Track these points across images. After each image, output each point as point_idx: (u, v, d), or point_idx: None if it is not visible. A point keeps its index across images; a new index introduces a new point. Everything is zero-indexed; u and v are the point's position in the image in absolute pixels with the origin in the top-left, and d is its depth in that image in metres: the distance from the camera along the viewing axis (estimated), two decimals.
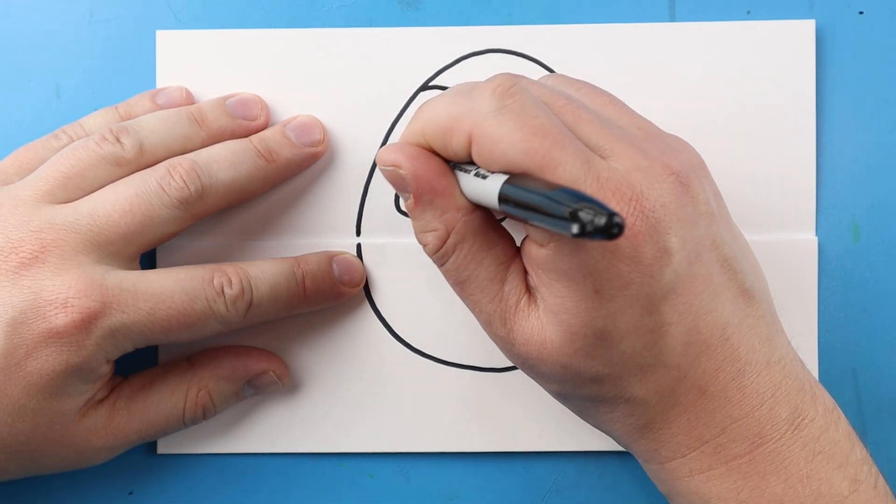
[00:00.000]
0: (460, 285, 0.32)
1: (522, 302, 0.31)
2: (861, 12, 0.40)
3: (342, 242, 0.40)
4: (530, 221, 0.28)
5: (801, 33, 0.40)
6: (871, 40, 0.40)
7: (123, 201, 0.35)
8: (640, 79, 0.40)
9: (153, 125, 0.37)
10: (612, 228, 0.24)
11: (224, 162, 0.37)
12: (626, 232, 0.28)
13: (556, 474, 0.40)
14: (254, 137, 0.38)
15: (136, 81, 0.41)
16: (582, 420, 0.34)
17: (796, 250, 0.40)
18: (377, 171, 0.40)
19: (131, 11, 0.41)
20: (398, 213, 0.40)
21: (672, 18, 0.41)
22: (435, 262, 0.33)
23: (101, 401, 0.36)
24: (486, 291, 0.32)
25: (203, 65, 0.40)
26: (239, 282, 0.36)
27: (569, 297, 0.29)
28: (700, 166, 0.32)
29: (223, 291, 0.35)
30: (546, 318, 0.30)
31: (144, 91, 0.40)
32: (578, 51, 0.40)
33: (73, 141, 0.38)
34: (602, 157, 0.29)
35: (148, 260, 0.40)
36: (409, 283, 0.40)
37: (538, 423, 0.40)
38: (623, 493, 0.40)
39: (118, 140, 0.36)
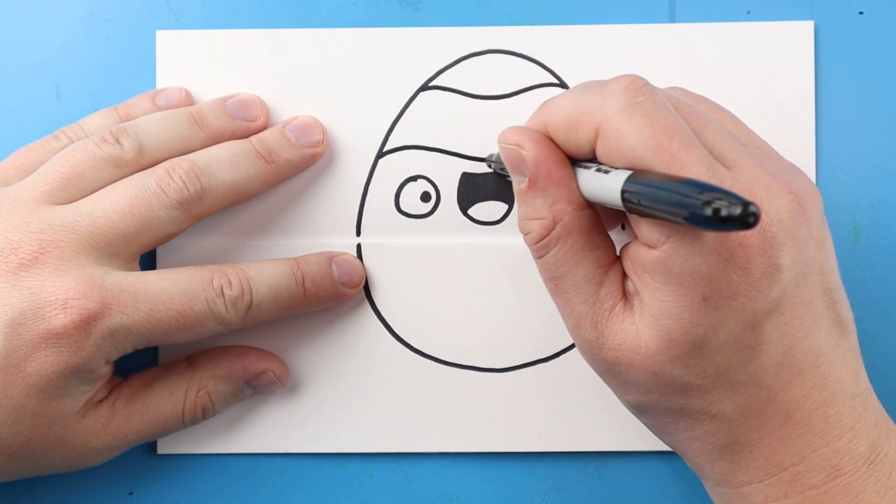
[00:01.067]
0: (555, 281, 0.32)
1: (618, 307, 0.31)
2: (861, 12, 0.41)
3: (342, 242, 0.40)
4: (656, 214, 0.27)
5: (800, 34, 0.40)
6: (870, 40, 0.40)
7: (123, 202, 0.35)
8: None
9: (153, 126, 0.37)
10: (748, 217, 0.23)
11: (223, 163, 0.37)
12: (742, 242, 0.28)
13: (556, 474, 0.40)
14: (253, 138, 0.38)
15: (136, 81, 0.41)
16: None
17: None
18: (377, 171, 0.40)
19: (131, 11, 0.41)
20: (398, 214, 0.40)
21: (672, 19, 0.41)
22: (534, 252, 0.32)
23: (101, 401, 0.36)
24: (582, 291, 0.31)
25: (203, 65, 0.40)
26: (239, 283, 0.36)
27: (674, 301, 0.29)
28: (816, 193, 0.32)
29: (223, 292, 0.35)
30: (643, 324, 0.30)
31: (144, 92, 0.40)
32: (578, 51, 0.40)
33: (73, 142, 0.38)
34: (725, 167, 0.29)
35: (148, 260, 0.40)
36: (409, 283, 0.40)
37: (538, 423, 0.40)
38: (623, 493, 0.40)
39: (118, 141, 0.36)
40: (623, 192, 0.28)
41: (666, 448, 0.39)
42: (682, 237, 0.28)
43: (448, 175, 0.40)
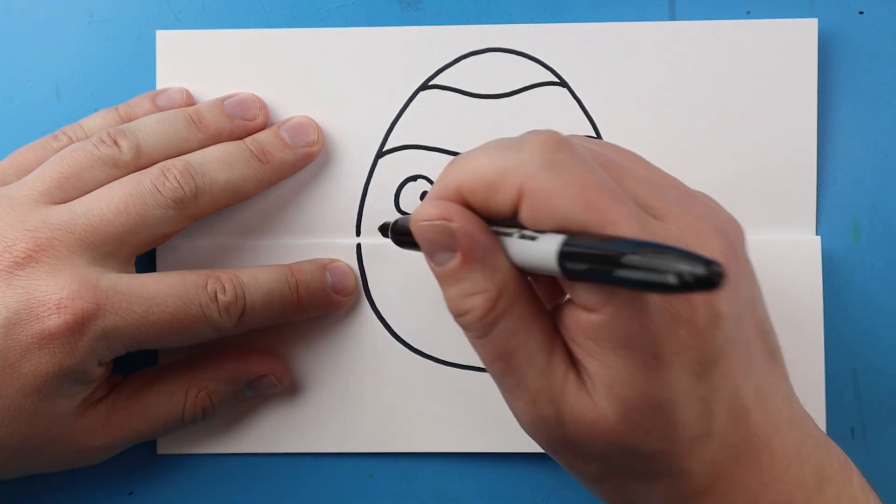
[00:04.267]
0: (504, 359, 0.29)
1: (571, 375, 0.29)
2: (861, 12, 0.40)
3: (342, 242, 0.40)
4: (601, 280, 0.25)
5: (803, 32, 0.40)
6: (871, 40, 0.40)
7: (118, 200, 0.35)
8: (640, 78, 0.40)
9: (151, 127, 0.37)
10: (713, 277, 0.22)
11: (218, 163, 0.37)
12: (684, 297, 0.27)
13: (556, 475, 0.40)
14: (248, 139, 0.38)
15: (136, 81, 0.41)
16: (604, 500, 0.33)
17: (800, 250, 0.40)
18: (377, 171, 0.40)
19: (131, 11, 0.41)
20: (398, 213, 0.40)
21: (672, 17, 0.40)
22: (476, 331, 0.29)
23: (100, 400, 0.36)
24: (534, 363, 0.29)
25: (203, 65, 0.40)
26: (233, 288, 0.36)
27: (624, 366, 0.27)
28: (737, 226, 0.31)
29: (217, 297, 0.35)
30: (598, 394, 0.28)
31: (145, 92, 0.40)
32: (578, 50, 0.40)
33: (73, 142, 0.38)
34: (653, 217, 0.28)
35: (147, 260, 0.40)
36: (409, 283, 0.40)
37: None
38: None
39: (115, 143, 0.36)
40: (560, 259, 0.26)
41: None
42: (625, 298, 0.27)
43: None
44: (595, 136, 0.40)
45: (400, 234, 0.34)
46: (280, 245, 0.40)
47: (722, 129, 0.40)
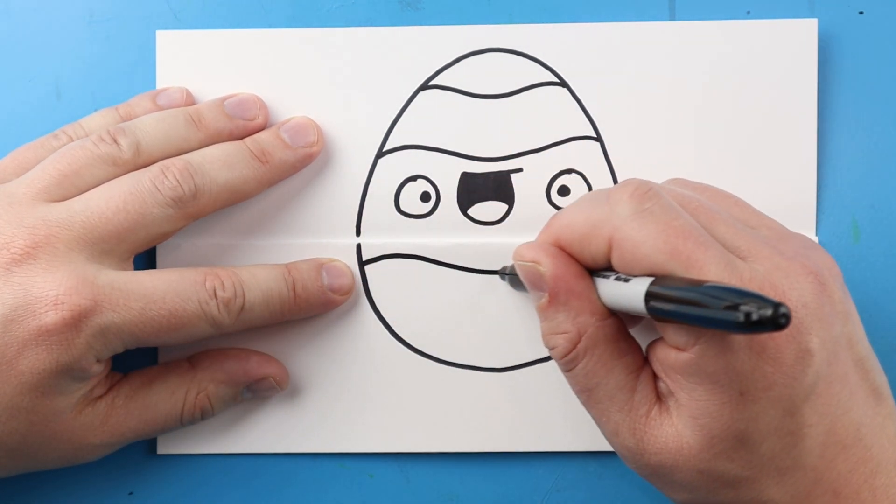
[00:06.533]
0: (587, 393, 0.32)
1: (654, 411, 0.31)
2: (861, 12, 0.40)
3: (342, 242, 0.40)
4: (682, 320, 0.27)
5: (803, 32, 0.40)
6: (871, 40, 0.40)
7: (117, 198, 0.35)
8: (640, 78, 0.40)
9: (150, 126, 0.37)
10: (779, 319, 0.24)
11: (217, 162, 0.37)
12: (769, 335, 0.28)
13: (556, 474, 0.40)
14: (248, 139, 0.38)
15: (136, 81, 0.41)
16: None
17: None
18: (377, 171, 0.40)
19: (131, 11, 0.41)
20: (398, 214, 0.40)
21: (672, 17, 0.40)
22: (561, 366, 0.32)
23: (100, 398, 0.36)
24: (616, 400, 0.31)
25: (203, 65, 0.40)
26: (231, 285, 0.36)
27: (711, 400, 0.29)
28: (833, 265, 0.32)
29: (215, 294, 0.35)
30: (682, 424, 0.30)
31: (145, 92, 0.40)
32: (578, 50, 0.40)
33: (73, 141, 0.38)
34: (741, 258, 0.29)
35: (147, 260, 0.40)
36: (409, 284, 0.40)
37: (538, 423, 0.40)
38: (623, 493, 0.40)
39: (115, 141, 0.36)
40: (647, 300, 0.28)
41: None
42: (711, 338, 0.28)
43: (448, 175, 0.40)
44: (595, 135, 0.40)
45: (511, 272, 0.38)
46: (280, 245, 0.40)
47: (722, 129, 0.40)
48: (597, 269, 0.32)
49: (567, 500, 0.40)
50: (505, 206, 0.40)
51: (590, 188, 0.40)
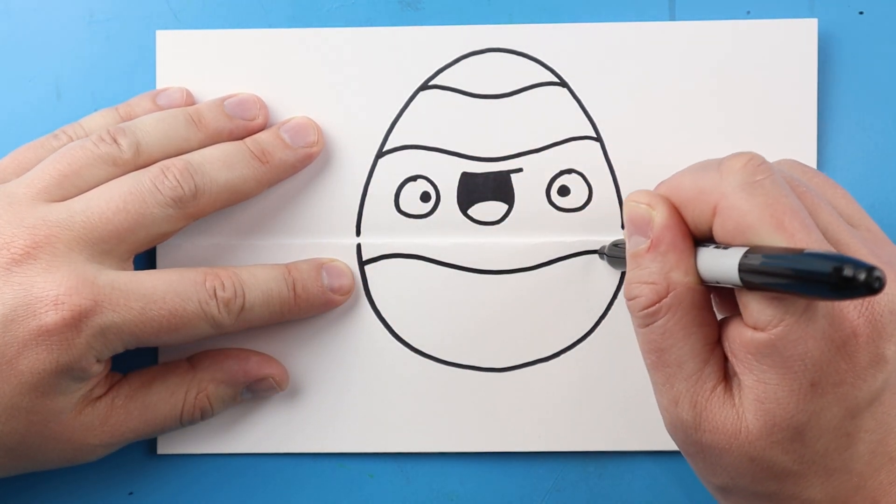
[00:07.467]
0: (657, 353, 0.31)
1: (719, 388, 0.30)
2: (861, 12, 0.40)
3: (342, 242, 0.40)
4: (774, 286, 0.27)
5: (803, 32, 0.40)
6: (871, 40, 0.40)
7: (117, 199, 0.35)
8: (640, 78, 0.40)
9: (150, 126, 0.37)
10: (873, 282, 0.23)
11: (217, 162, 0.37)
12: (855, 330, 0.28)
13: (556, 474, 0.40)
14: (248, 139, 0.38)
15: (136, 81, 0.41)
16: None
17: None
18: (377, 171, 0.40)
19: (131, 11, 0.41)
20: (398, 214, 0.40)
21: (672, 17, 0.40)
22: (638, 320, 0.32)
23: (99, 398, 0.36)
24: (684, 368, 0.31)
25: (203, 65, 0.40)
26: (232, 285, 0.36)
27: (781, 385, 0.29)
28: None
29: (216, 294, 0.35)
30: (745, 407, 0.30)
31: (145, 91, 0.40)
32: (578, 50, 0.40)
33: (73, 141, 0.38)
34: (838, 252, 0.29)
35: (147, 260, 0.40)
36: (409, 284, 0.40)
37: (538, 423, 0.40)
38: (623, 493, 0.40)
39: (115, 141, 0.36)
40: (741, 265, 0.28)
41: (666, 449, 0.39)
42: (797, 320, 0.28)
43: (448, 175, 0.40)
44: (595, 135, 0.40)
45: (610, 252, 0.39)
46: (280, 245, 0.40)
47: (722, 129, 0.40)
48: (698, 239, 0.32)
49: (567, 500, 0.40)
50: (505, 206, 0.40)
51: (590, 188, 0.40)
